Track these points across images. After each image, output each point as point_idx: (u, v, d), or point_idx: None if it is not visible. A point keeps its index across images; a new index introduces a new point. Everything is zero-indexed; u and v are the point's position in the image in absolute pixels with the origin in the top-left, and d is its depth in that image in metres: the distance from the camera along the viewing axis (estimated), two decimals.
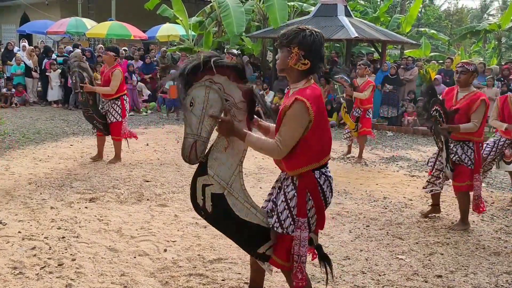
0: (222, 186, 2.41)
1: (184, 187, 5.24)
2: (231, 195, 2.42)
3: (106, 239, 3.74)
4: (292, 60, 2.31)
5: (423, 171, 6.62)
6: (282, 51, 2.36)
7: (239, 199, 2.44)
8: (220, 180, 2.40)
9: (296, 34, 2.30)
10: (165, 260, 3.41)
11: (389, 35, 12.27)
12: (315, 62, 2.32)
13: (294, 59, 2.30)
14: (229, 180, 2.42)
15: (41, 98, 12.03)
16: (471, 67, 4.19)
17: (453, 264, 3.60)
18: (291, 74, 2.37)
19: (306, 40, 2.29)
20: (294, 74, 2.36)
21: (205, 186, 2.39)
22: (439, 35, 17.23)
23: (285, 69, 2.38)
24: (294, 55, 2.30)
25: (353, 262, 3.54)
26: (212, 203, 2.41)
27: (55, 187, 5.04)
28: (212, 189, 2.40)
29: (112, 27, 14.51)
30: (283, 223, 2.39)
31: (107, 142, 6.46)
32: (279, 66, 2.39)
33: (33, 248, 3.51)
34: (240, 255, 3.53)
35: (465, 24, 24.11)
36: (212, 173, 2.39)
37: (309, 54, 2.29)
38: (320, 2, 12.56)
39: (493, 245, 4.03)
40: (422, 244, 3.97)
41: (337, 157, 7.25)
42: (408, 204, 5.08)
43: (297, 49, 2.29)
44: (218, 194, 2.41)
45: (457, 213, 4.76)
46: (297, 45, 2.29)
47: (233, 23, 11.86)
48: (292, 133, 2.28)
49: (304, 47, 2.29)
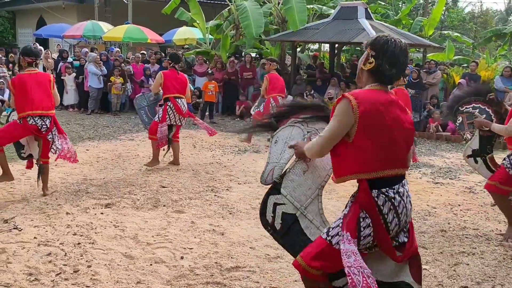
0: (296, 207, 2.46)
1: (201, 193, 5.19)
2: (304, 218, 2.45)
3: (122, 246, 3.71)
4: (363, 59, 2.24)
5: (447, 178, 6.42)
6: None
7: (313, 222, 2.45)
8: (294, 201, 2.46)
9: (374, 37, 2.25)
10: (182, 267, 3.36)
11: (411, 38, 12.03)
12: (384, 64, 2.15)
13: (364, 58, 2.23)
14: (305, 202, 2.46)
15: None
16: None
17: (480, 275, 3.47)
18: (360, 77, 2.29)
19: (379, 40, 2.20)
20: (362, 76, 2.27)
21: (277, 205, 2.48)
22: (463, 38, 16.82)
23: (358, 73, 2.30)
24: (366, 54, 2.23)
25: None
26: (282, 222, 2.47)
27: (70, 192, 5.05)
28: (284, 208, 2.47)
29: (129, 30, 14.61)
30: (331, 230, 2.22)
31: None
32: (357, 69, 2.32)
33: (48, 254, 3.50)
34: (258, 263, 3.46)
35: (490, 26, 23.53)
36: (285, 193, 2.48)
37: (378, 54, 2.17)
38: (340, 4, 12.41)
39: None
40: (446, 254, 3.83)
41: None
42: (431, 212, 4.91)
43: (369, 49, 2.22)
44: (290, 214, 2.46)
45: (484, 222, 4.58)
46: (370, 45, 2.22)
47: (252, 25, 11.80)
48: (334, 129, 2.14)
49: (375, 46, 2.19)
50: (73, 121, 10.01)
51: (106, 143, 7.77)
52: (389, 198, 2.14)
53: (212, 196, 5.12)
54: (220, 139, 8.60)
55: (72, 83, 11.54)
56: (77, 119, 10.30)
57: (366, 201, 2.14)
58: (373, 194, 2.14)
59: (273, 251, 3.66)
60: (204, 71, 11.66)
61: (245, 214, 4.57)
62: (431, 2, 20.39)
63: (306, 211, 2.45)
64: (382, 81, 2.21)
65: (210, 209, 4.69)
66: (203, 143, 8.23)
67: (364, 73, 2.24)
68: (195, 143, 8.10)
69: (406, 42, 2.26)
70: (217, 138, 8.68)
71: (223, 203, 4.86)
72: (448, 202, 5.31)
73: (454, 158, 7.81)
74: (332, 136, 2.16)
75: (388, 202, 2.14)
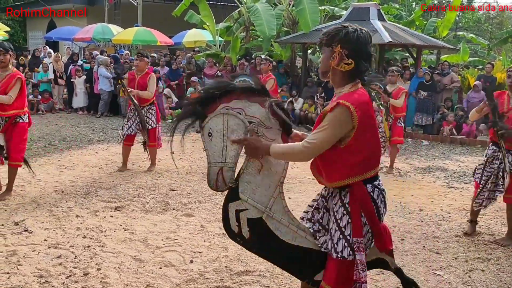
0: (260, 209, 2.25)
1: (210, 197, 5.17)
2: (271, 219, 2.26)
3: (131, 249, 3.70)
4: (334, 60, 2.10)
5: (461, 182, 6.31)
6: (323, 52, 2.18)
7: (282, 221, 2.27)
8: (257, 204, 2.25)
9: (337, 31, 2.10)
10: (192, 271, 3.34)
11: (424, 39, 11.88)
12: (361, 62, 2.11)
13: (336, 59, 2.10)
14: (268, 203, 2.26)
15: (66, 105, 12.16)
16: None
17: (495, 281, 3.40)
18: (334, 77, 2.17)
19: (349, 37, 2.08)
20: (338, 77, 2.15)
21: (239, 212, 2.26)
22: (478, 39, 16.56)
23: (327, 72, 2.18)
24: (337, 54, 2.09)
25: (387, 277, 3.36)
26: (250, 229, 2.26)
27: (80, 195, 5.06)
28: (247, 213, 2.25)
29: (138, 33, 14.66)
30: (336, 246, 2.17)
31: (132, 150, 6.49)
32: (321, 69, 2.22)
33: (58, 256, 3.51)
34: (268, 268, 3.42)
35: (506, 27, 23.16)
36: (245, 198, 2.25)
37: (353, 52, 2.08)
38: (352, 6, 12.32)
39: None
40: (461, 259, 3.76)
41: None
42: (445, 217, 4.82)
43: (339, 47, 2.09)
44: (255, 218, 2.25)
45: (499, 227, 4.48)
46: (339, 43, 2.09)
47: (264, 25, 11.77)
48: (328, 137, 2.08)
49: (347, 45, 2.08)
50: (83, 124, 10.08)
51: (115, 146, 7.79)
52: (380, 191, 2.21)
53: (222, 199, 5.04)
54: None
55: (82, 86, 11.63)
56: (87, 122, 10.37)
57: (364, 199, 2.15)
58: (368, 189, 2.17)
59: None
60: (214, 73, 11.66)
61: None
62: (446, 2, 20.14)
63: (271, 212, 2.25)
64: (359, 78, 2.16)
65: (220, 212, 4.62)
66: None
67: (338, 73, 2.14)
68: None
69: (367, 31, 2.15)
70: None
71: None
72: (462, 207, 5.21)
73: (468, 162, 7.67)
74: (326, 144, 2.10)
75: (380, 195, 2.21)
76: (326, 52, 2.15)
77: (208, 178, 2.29)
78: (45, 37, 19.22)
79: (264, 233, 2.26)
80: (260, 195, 2.26)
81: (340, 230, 2.17)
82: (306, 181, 5.96)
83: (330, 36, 2.13)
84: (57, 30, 18.64)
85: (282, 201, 2.28)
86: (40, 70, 12.04)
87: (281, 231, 2.27)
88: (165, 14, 16.14)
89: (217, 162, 2.26)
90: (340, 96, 2.14)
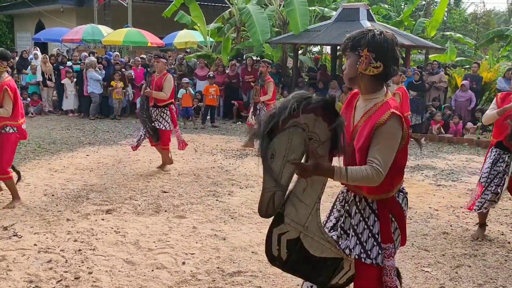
0: (298, 230, 2.16)
1: (202, 198, 5.19)
2: (307, 237, 2.18)
3: (123, 252, 3.70)
4: (361, 64, 2.02)
5: (449, 180, 6.40)
6: (348, 57, 2.09)
7: (315, 238, 2.20)
8: (296, 225, 2.15)
9: (363, 34, 2.04)
10: (184, 273, 3.36)
11: (413, 39, 12.02)
12: (389, 65, 2.03)
13: (364, 63, 2.02)
14: (305, 222, 2.16)
15: (56, 107, 12.00)
16: None
17: (482, 276, 3.47)
18: (363, 83, 2.08)
19: (376, 40, 2.01)
20: (365, 82, 2.07)
21: (281, 235, 2.15)
22: (465, 39, 16.78)
23: (355, 78, 2.08)
24: (364, 58, 2.02)
25: None
26: (288, 250, 2.17)
27: (71, 199, 5.03)
28: (287, 236, 2.15)
29: (129, 34, 14.51)
30: (370, 253, 2.14)
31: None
32: (348, 75, 2.10)
33: (49, 261, 3.49)
34: (260, 268, 3.46)
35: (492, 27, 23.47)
36: (288, 221, 2.13)
37: (380, 55, 2.01)
38: (341, 6, 12.41)
39: None
40: (448, 256, 3.83)
41: None
42: (434, 215, 4.89)
43: (366, 51, 2.01)
44: (294, 239, 2.16)
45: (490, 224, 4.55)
46: (366, 47, 2.01)
47: (258, 32, 11.79)
48: (392, 154, 2.00)
49: (374, 48, 2.01)
50: (73, 126, 9.98)
51: (106, 148, 7.77)
52: (404, 194, 2.23)
53: (214, 200, 5.11)
54: (222, 143, 8.60)
55: (72, 88, 11.49)
56: (77, 124, 10.27)
57: (395, 207, 2.18)
58: (397, 197, 2.19)
59: None
60: (205, 74, 11.67)
61: (247, 219, 4.55)
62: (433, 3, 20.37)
63: (307, 231, 2.16)
64: (386, 83, 2.10)
65: (212, 214, 4.68)
66: (204, 147, 8.22)
67: (366, 78, 2.06)
68: (196, 148, 8.10)
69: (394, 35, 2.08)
70: (218, 142, 8.69)
71: (224, 208, 4.85)
72: (450, 204, 5.30)
73: (456, 160, 7.78)
74: (391, 160, 2.02)
75: (405, 198, 2.23)
76: (351, 57, 2.08)
77: (260, 205, 2.09)
78: (33, 38, 18.98)
79: (299, 253, 2.19)
80: (301, 215, 2.16)
81: (374, 237, 2.15)
82: None
83: (355, 40, 2.06)
84: (45, 31, 18.37)
85: (318, 217, 2.19)
86: (29, 72, 11.89)
87: (313, 247, 2.21)
88: (155, 15, 16.05)
89: (272, 187, 2.04)
90: (382, 104, 2.06)
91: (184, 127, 10.27)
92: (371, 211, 2.16)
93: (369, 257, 2.15)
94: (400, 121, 2.02)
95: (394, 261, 2.18)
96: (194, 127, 10.40)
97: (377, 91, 2.09)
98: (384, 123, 1.99)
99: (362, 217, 2.19)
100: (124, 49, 16.38)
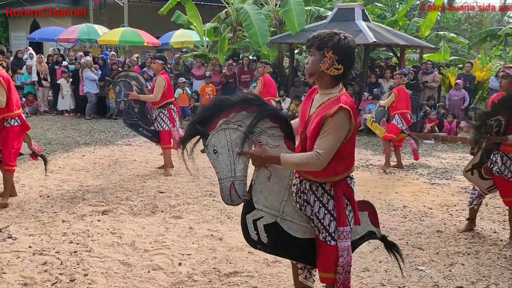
0: (274, 215, 2.39)
1: (199, 198, 5.20)
2: (284, 220, 2.41)
3: (119, 253, 3.70)
4: (324, 64, 2.25)
5: (443, 179, 6.45)
6: (313, 54, 2.29)
7: (294, 221, 2.43)
8: (270, 210, 2.39)
9: (330, 37, 2.24)
10: (180, 274, 3.37)
11: (407, 39, 12.07)
12: (348, 68, 2.27)
13: (327, 63, 2.24)
14: (280, 207, 2.39)
15: (52, 107, 11.94)
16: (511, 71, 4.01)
17: (474, 274, 3.51)
18: (322, 79, 2.31)
19: (341, 44, 2.22)
20: (325, 79, 2.30)
21: (256, 221, 2.38)
22: (459, 38, 16.88)
23: (315, 74, 2.30)
24: (328, 59, 2.24)
25: (372, 274, 3.46)
26: (267, 234, 2.40)
27: (66, 200, 5.02)
28: (263, 221, 2.39)
29: (125, 33, 14.44)
30: (334, 235, 2.37)
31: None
32: (309, 70, 2.31)
33: (44, 263, 3.48)
34: (256, 268, 3.48)
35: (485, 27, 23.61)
36: (260, 207, 2.37)
37: (343, 59, 2.24)
38: (337, 6, 12.44)
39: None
40: (442, 254, 3.87)
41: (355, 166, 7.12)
42: (428, 213, 4.94)
43: (331, 53, 2.23)
44: (271, 223, 2.39)
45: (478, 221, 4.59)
46: (332, 49, 2.22)
47: (257, 33, 11.74)
48: (336, 143, 2.24)
49: (338, 51, 2.23)
50: (69, 126, 9.94)
51: (102, 149, 7.75)
52: (351, 179, 2.48)
53: (210, 200, 5.12)
54: None
55: (68, 88, 11.42)
56: (73, 124, 10.22)
57: (348, 190, 2.42)
58: (348, 181, 2.43)
59: (271, 256, 3.66)
60: (201, 74, 11.67)
61: None
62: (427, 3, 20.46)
63: (284, 215, 2.40)
64: (343, 82, 2.34)
65: (208, 214, 4.69)
66: (201, 147, 8.20)
67: (326, 76, 2.28)
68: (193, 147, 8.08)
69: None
70: None
71: (221, 208, 4.86)
72: (444, 202, 5.34)
73: (450, 159, 7.84)
74: (334, 149, 2.25)
75: (352, 181, 2.48)
76: (316, 55, 2.27)
77: (221, 194, 2.36)
78: (28, 37, 18.85)
79: (280, 235, 2.40)
80: (272, 201, 2.38)
81: (335, 220, 2.38)
82: None
83: (322, 40, 2.24)
84: (40, 30, 18.24)
85: (292, 202, 2.42)
86: (24, 72, 11.82)
87: (294, 229, 2.42)
88: (151, 15, 16.00)
89: (228, 177, 2.32)
90: (334, 99, 2.28)
91: (181, 127, 10.24)
92: (330, 197, 2.39)
93: (333, 239, 2.38)
94: (348, 115, 2.23)
95: (348, 243, 2.39)
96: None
97: (333, 88, 2.31)
98: (332, 115, 2.21)
99: (321, 203, 2.40)
100: (120, 48, 16.30)
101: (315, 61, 2.27)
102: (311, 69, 2.30)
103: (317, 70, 2.27)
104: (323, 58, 2.24)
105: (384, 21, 15.46)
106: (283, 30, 13.30)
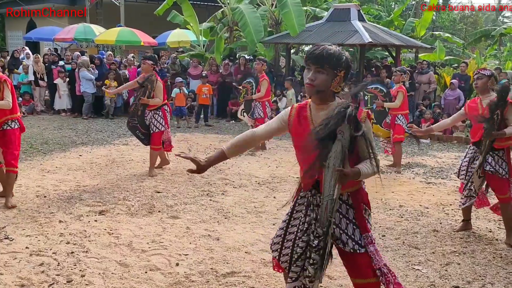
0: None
1: (196, 198, 5.20)
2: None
3: (116, 254, 3.70)
4: (335, 82, 2.24)
5: (439, 178, 6.48)
6: (323, 73, 2.21)
7: None
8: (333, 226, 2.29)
9: (341, 56, 2.23)
10: (177, 274, 3.36)
11: (403, 39, 12.14)
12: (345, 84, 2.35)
13: (337, 82, 2.24)
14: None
15: (48, 106, 11.92)
16: (486, 72, 4.18)
17: (470, 274, 3.53)
18: (326, 95, 2.27)
19: (348, 63, 2.26)
20: (329, 94, 2.28)
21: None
22: (454, 38, 16.98)
23: (324, 91, 2.24)
24: (339, 78, 2.24)
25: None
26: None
27: (63, 200, 5.00)
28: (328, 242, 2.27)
29: (121, 33, 14.43)
30: (361, 242, 2.36)
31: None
32: (319, 88, 2.22)
33: (41, 264, 3.46)
34: (254, 268, 3.48)
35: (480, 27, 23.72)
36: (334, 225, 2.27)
37: (347, 76, 2.30)
38: (333, 6, 12.49)
39: (511, 254, 3.92)
40: (438, 254, 3.89)
41: None
42: (424, 212, 4.96)
43: (343, 73, 2.24)
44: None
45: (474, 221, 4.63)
46: (344, 69, 2.24)
47: (252, 31, 11.79)
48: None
49: (346, 70, 2.26)
50: (66, 126, 9.90)
51: (99, 148, 7.73)
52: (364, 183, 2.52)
53: (208, 200, 5.12)
54: (215, 142, 8.61)
55: (65, 88, 11.41)
56: (70, 124, 10.18)
57: (365, 196, 2.45)
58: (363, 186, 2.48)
59: (269, 256, 3.65)
60: (198, 74, 11.66)
61: (240, 219, 4.58)
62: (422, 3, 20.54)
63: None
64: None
65: (206, 214, 4.69)
66: (198, 146, 8.23)
67: (331, 92, 2.27)
68: (190, 147, 8.10)
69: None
70: (212, 141, 8.69)
71: (218, 208, 4.87)
72: (440, 202, 5.37)
73: (445, 158, 7.88)
74: None
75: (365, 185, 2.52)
76: (328, 74, 2.21)
77: (320, 215, 2.14)
78: (24, 37, 18.79)
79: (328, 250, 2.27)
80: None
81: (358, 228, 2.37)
82: (291, 180, 6.05)
83: (335, 59, 2.20)
84: (37, 30, 18.21)
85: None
86: (20, 72, 11.80)
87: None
88: (148, 14, 15.97)
89: (328, 195, 2.09)
90: None
91: (178, 126, 10.27)
92: (348, 207, 2.38)
93: (361, 246, 2.36)
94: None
95: (375, 246, 2.40)
96: (188, 126, 10.41)
97: (333, 101, 2.30)
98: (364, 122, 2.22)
99: (341, 215, 2.37)
100: (117, 48, 16.28)
101: (328, 80, 2.22)
102: (322, 86, 2.22)
103: (327, 88, 2.24)
104: (334, 77, 2.22)
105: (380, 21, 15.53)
106: (279, 30, 13.32)
